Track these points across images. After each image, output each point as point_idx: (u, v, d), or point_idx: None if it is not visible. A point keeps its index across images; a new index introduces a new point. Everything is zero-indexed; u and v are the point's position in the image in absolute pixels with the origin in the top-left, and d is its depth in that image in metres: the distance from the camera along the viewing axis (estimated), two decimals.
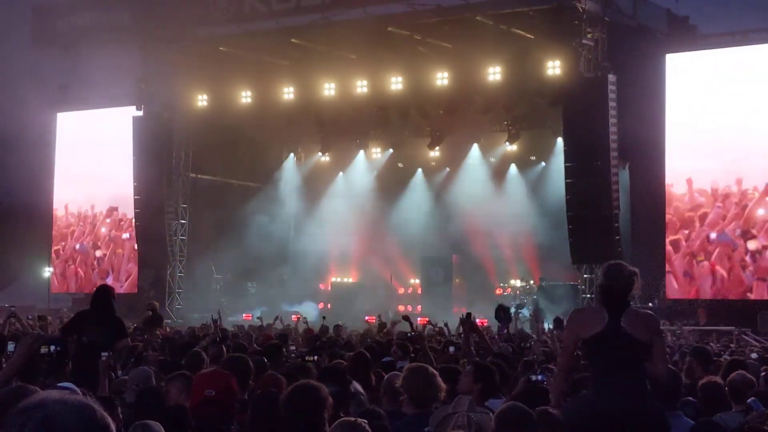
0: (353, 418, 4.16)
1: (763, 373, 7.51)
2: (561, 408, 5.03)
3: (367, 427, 4.03)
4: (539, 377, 6.37)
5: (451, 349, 8.24)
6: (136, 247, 27.13)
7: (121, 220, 28.22)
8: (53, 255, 29.49)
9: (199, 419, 4.30)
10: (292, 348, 9.13)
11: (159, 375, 6.92)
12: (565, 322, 8.40)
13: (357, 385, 5.59)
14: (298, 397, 4.29)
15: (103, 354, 7.83)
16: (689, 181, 21.17)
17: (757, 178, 20.55)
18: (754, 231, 20.36)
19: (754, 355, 10.35)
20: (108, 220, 28.51)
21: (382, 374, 6.21)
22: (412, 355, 8.91)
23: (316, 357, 7.20)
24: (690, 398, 6.02)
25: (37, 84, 27.68)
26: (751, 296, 20.29)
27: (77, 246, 28.98)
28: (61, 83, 28.55)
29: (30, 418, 2.02)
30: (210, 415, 4.10)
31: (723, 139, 20.91)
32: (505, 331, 15.98)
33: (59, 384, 5.16)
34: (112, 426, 2.08)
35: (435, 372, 5.57)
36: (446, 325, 14.30)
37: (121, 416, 4.88)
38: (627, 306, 5.14)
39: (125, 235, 27.98)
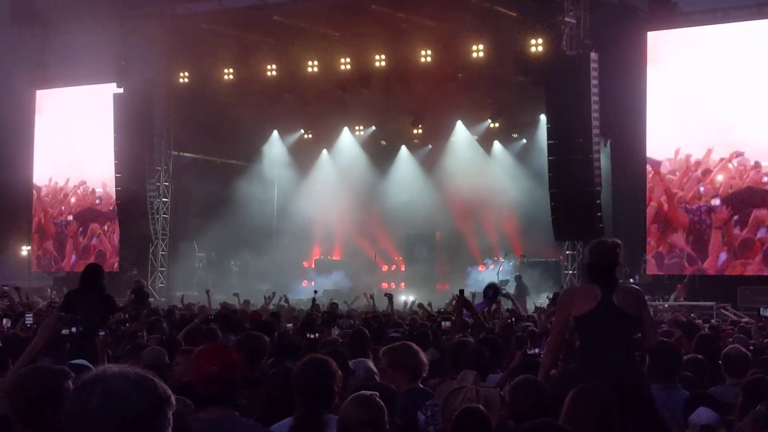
0: (368, 392, 4.25)
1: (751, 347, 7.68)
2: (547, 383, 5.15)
3: (380, 401, 4.11)
4: (536, 350, 6.50)
5: (446, 324, 8.35)
6: (111, 208, 27.14)
7: (92, 190, 28.19)
8: (33, 233, 29.36)
9: (203, 397, 4.32)
10: (289, 326, 9.19)
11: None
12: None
13: (369, 363, 5.67)
14: (309, 371, 4.39)
15: (100, 332, 7.90)
16: (677, 152, 21.40)
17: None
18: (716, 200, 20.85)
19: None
20: (79, 191, 28.43)
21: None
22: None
23: (317, 334, 7.27)
24: (688, 373, 6.17)
25: (15, 62, 27.46)
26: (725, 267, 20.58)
27: (54, 222, 28.87)
28: (41, 61, 28.22)
29: (92, 393, 2.08)
30: (216, 393, 4.09)
31: (703, 115, 21.09)
32: (486, 309, 16.09)
33: (70, 361, 5.22)
34: (172, 397, 2.15)
35: (418, 348, 5.71)
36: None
37: None
38: (616, 281, 5.29)
39: (98, 201, 27.97)
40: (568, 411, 4.16)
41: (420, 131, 28.19)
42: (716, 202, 20.77)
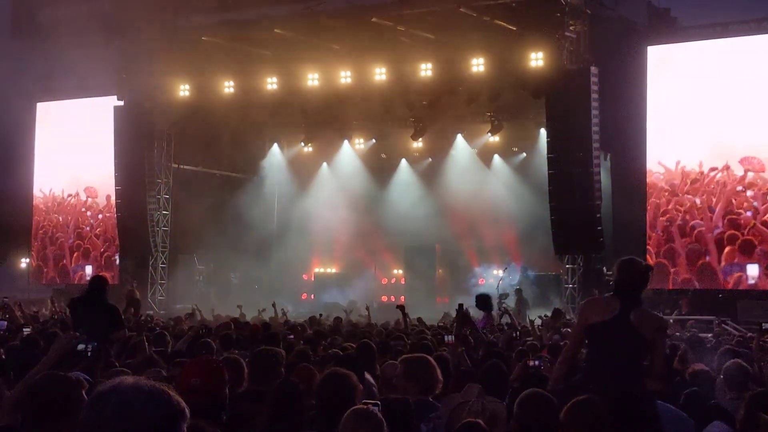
0: (365, 407, 4.24)
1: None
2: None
3: (380, 414, 4.11)
4: (536, 363, 6.50)
5: (449, 338, 8.35)
6: (111, 221, 27.15)
7: (92, 202, 28.23)
8: (33, 245, 29.36)
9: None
10: (291, 337, 9.18)
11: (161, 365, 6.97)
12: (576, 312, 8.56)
13: (367, 376, 5.67)
14: (332, 385, 4.39)
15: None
16: (677, 165, 21.48)
17: (737, 168, 20.83)
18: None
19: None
20: (76, 202, 28.49)
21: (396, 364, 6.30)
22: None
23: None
24: (695, 388, 6.17)
25: (16, 74, 27.49)
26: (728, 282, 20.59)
27: (54, 234, 28.88)
28: (41, 73, 28.28)
29: (106, 404, 2.09)
30: (197, 405, 4.05)
31: (703, 130, 21.14)
32: (486, 324, 16.04)
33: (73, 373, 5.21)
34: (187, 410, 2.15)
35: (434, 362, 5.71)
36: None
37: None
38: (639, 302, 5.28)
39: (99, 215, 28.01)
40: (564, 424, 4.17)
41: (420, 144, 28.24)
42: (712, 214, 20.85)
